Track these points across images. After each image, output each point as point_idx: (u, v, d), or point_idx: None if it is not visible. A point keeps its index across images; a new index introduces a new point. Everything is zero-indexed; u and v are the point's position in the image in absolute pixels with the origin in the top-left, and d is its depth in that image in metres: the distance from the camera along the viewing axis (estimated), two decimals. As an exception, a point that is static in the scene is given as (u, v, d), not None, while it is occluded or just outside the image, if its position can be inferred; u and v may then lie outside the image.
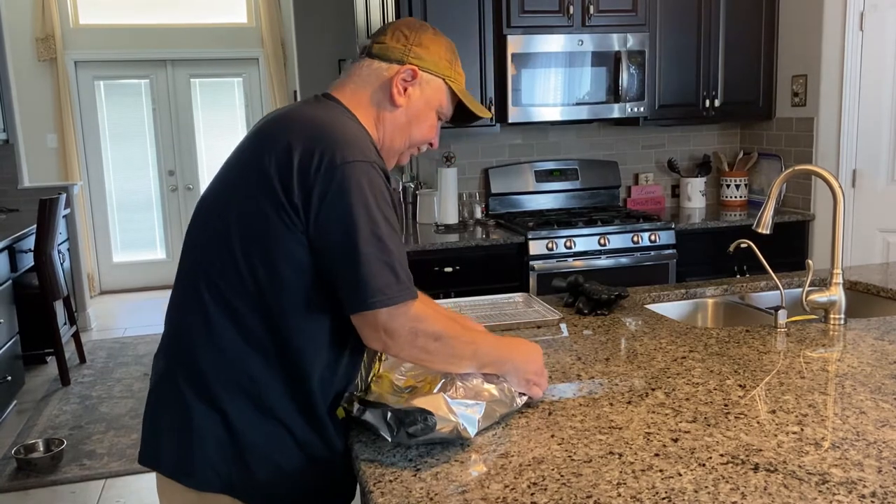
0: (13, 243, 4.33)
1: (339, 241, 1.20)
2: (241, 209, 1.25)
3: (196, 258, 1.31)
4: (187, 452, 1.27)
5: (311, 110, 1.32)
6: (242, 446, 1.26)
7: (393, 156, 1.44)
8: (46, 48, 6.49)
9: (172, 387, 1.30)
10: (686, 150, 4.38)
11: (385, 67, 1.38)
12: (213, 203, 1.31)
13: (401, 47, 1.38)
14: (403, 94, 1.38)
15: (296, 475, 1.29)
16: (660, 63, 3.90)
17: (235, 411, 1.26)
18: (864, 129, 3.71)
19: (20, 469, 3.40)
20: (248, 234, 1.24)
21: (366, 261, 1.19)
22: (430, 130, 1.45)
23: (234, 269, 1.25)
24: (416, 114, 1.41)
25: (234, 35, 6.98)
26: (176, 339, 1.32)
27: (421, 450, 1.25)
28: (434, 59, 1.40)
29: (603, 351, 1.75)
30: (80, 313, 5.62)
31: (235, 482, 1.27)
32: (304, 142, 1.23)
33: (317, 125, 1.26)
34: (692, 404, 1.41)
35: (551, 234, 3.52)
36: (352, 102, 1.37)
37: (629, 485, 1.11)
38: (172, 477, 1.29)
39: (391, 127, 1.40)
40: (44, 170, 6.48)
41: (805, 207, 3.95)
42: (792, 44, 3.95)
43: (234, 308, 1.25)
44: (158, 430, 1.32)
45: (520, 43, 3.61)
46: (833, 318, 1.90)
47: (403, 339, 1.23)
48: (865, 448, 1.21)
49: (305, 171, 1.20)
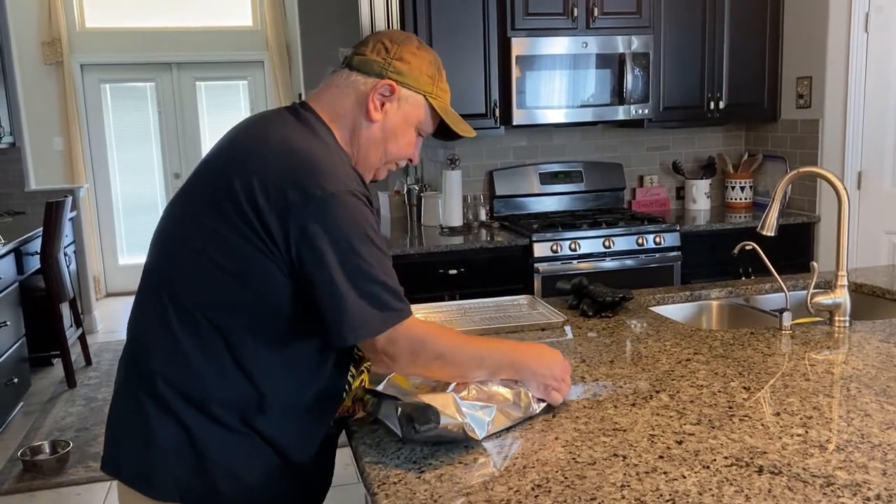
0: (19, 246, 4.35)
1: (318, 279, 1.19)
2: (212, 226, 1.22)
3: (161, 266, 1.29)
4: (147, 461, 1.26)
5: (285, 131, 1.28)
6: (201, 456, 1.24)
7: (368, 170, 1.39)
8: (53, 51, 6.51)
9: (132, 395, 1.29)
10: (691, 152, 4.38)
11: (363, 81, 1.34)
12: (182, 213, 1.29)
13: (380, 60, 1.35)
14: (380, 110, 1.34)
15: (256, 487, 1.28)
16: (664, 65, 3.89)
17: (193, 421, 1.24)
18: (870, 130, 3.70)
19: (26, 471, 3.41)
20: (217, 252, 1.22)
21: (345, 298, 1.19)
22: (407, 147, 1.41)
23: (199, 282, 1.24)
24: (392, 130, 1.37)
25: (238, 38, 6.99)
26: (136, 346, 1.31)
27: (425, 451, 1.25)
28: (414, 75, 1.36)
29: (607, 353, 1.75)
30: (85, 315, 5.63)
31: (195, 492, 1.25)
32: (279, 173, 1.20)
33: (292, 153, 1.23)
34: (696, 406, 1.41)
35: (556, 236, 3.52)
36: (328, 114, 1.34)
37: (633, 487, 1.11)
38: (132, 486, 1.28)
39: (366, 142, 1.36)
40: (50, 173, 6.50)
41: (810, 209, 3.94)
42: (797, 45, 3.94)
43: (195, 320, 1.24)
44: (119, 438, 1.32)
45: (524, 45, 3.61)
46: (838, 321, 1.90)
47: (405, 360, 1.26)
48: (870, 450, 1.21)
49: (282, 205, 1.18)
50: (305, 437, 1.32)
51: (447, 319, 2.05)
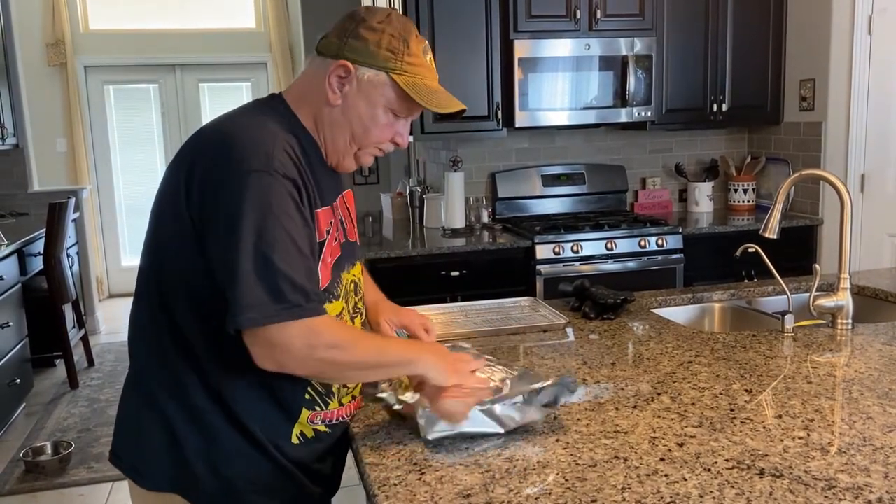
0: (22, 247, 4.35)
1: (221, 257, 1.16)
2: (160, 219, 1.27)
3: (144, 259, 1.32)
4: (138, 453, 1.32)
5: (229, 117, 1.29)
6: (184, 448, 1.27)
7: (341, 156, 1.33)
8: (56, 53, 6.53)
9: (128, 389, 1.36)
10: (693, 154, 4.37)
11: (322, 63, 1.29)
12: (153, 208, 1.31)
13: (336, 41, 1.28)
14: (338, 93, 1.27)
15: (237, 482, 1.29)
16: (667, 67, 3.89)
17: (173, 413, 1.27)
18: (873, 133, 3.69)
19: (28, 472, 3.41)
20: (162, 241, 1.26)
21: (242, 278, 1.12)
22: (384, 130, 1.32)
23: (164, 275, 1.27)
24: (357, 113, 1.29)
25: (242, 40, 7.00)
26: (129, 342, 1.37)
27: (426, 453, 1.25)
28: (371, 51, 1.26)
29: (609, 355, 1.74)
30: (88, 317, 5.63)
31: (182, 483, 1.29)
32: (205, 154, 1.22)
33: (221, 135, 1.22)
34: (698, 409, 1.41)
35: (558, 238, 3.51)
36: (294, 101, 1.32)
37: (634, 489, 1.11)
38: (129, 476, 1.34)
39: (328, 126, 1.30)
40: (53, 174, 6.51)
41: (813, 212, 3.94)
42: (800, 48, 3.94)
43: (171, 311, 1.26)
44: (118, 430, 1.37)
45: (527, 47, 3.61)
46: (840, 323, 1.89)
47: (298, 353, 1.15)
48: (872, 453, 1.20)
49: (203, 185, 1.19)
50: (273, 423, 1.30)
51: (449, 321, 2.04)
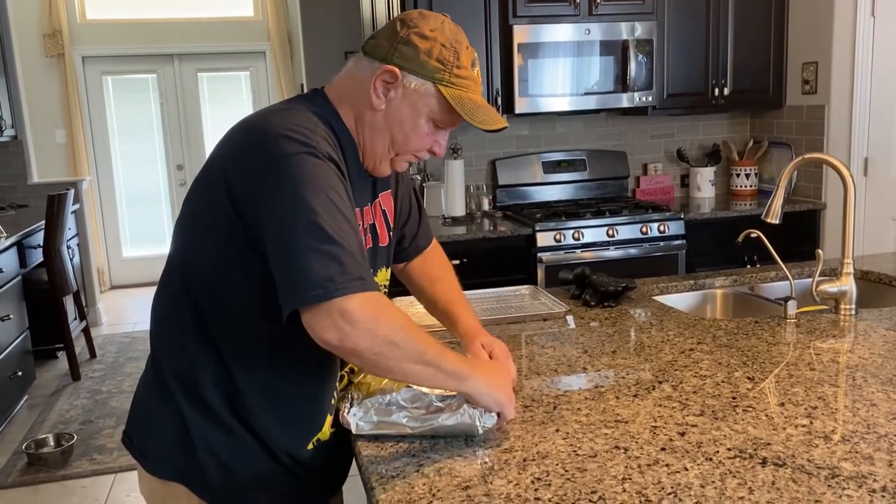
0: (22, 239, 4.34)
1: (277, 238, 1.11)
2: (197, 208, 1.25)
3: (172, 251, 1.31)
4: (148, 439, 1.33)
5: (271, 108, 1.27)
6: (191, 437, 1.27)
7: (378, 160, 1.31)
8: (54, 44, 6.49)
9: (146, 375, 1.36)
10: (695, 139, 4.34)
11: (368, 65, 1.27)
12: (188, 195, 1.29)
13: (386, 45, 1.26)
14: (382, 97, 1.25)
15: (243, 478, 1.29)
16: (668, 51, 3.85)
17: (186, 407, 1.27)
18: (876, 116, 3.66)
19: (31, 464, 3.42)
20: (196, 231, 1.25)
21: (303, 255, 1.07)
22: (423, 139, 1.30)
23: (198, 269, 1.25)
24: (399, 120, 1.27)
25: (240, 29, 6.97)
26: (151, 328, 1.36)
27: (424, 445, 1.24)
28: (421, 60, 1.24)
29: (609, 343, 1.73)
30: (90, 308, 5.63)
31: (187, 472, 1.28)
32: (245, 142, 1.19)
33: (263, 122, 1.20)
34: (700, 397, 1.39)
35: (559, 225, 3.49)
36: (337, 99, 1.30)
37: (635, 479, 1.09)
38: (137, 460, 1.35)
39: (369, 129, 1.28)
40: (52, 165, 6.49)
41: (816, 196, 3.91)
42: (802, 30, 3.90)
43: (195, 307, 1.25)
44: (133, 414, 1.38)
45: (526, 33, 3.57)
46: (844, 309, 1.87)
47: (366, 325, 1.08)
48: (876, 441, 1.19)
49: (247, 172, 1.16)
50: (291, 434, 1.30)
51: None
